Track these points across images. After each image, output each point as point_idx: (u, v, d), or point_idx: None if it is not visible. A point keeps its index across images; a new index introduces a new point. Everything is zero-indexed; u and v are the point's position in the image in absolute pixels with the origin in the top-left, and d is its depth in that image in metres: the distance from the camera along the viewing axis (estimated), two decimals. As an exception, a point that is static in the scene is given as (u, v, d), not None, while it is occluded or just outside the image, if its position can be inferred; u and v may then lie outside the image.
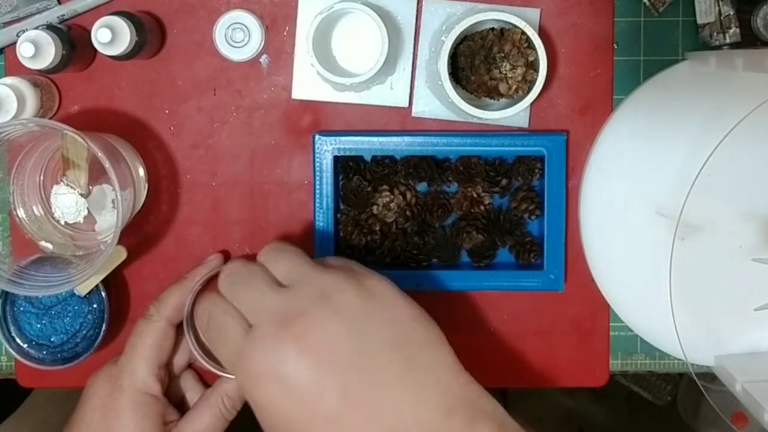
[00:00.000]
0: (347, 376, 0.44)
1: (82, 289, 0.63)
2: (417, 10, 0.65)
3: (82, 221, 0.63)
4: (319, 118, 0.66)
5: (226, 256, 0.66)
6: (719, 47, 0.63)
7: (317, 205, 0.64)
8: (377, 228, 0.65)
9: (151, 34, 0.63)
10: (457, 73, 0.63)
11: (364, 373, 0.44)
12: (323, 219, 0.64)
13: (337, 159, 0.64)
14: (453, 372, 0.47)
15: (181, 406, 0.64)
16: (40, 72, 0.61)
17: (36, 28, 0.61)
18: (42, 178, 0.64)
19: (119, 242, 0.60)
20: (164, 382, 0.62)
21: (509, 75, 0.60)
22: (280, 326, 0.45)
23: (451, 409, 0.44)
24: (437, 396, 0.45)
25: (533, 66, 0.61)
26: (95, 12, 0.65)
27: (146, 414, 0.59)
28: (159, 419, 0.60)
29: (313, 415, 0.44)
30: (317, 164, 0.64)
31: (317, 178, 0.64)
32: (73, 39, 0.61)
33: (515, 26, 0.60)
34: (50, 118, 0.65)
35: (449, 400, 0.45)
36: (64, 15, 0.64)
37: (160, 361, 0.61)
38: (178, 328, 0.62)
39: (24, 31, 0.61)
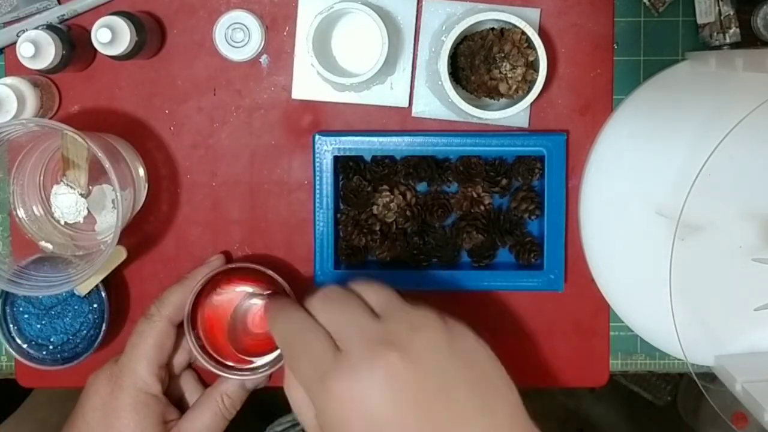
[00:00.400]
0: (428, 412, 0.45)
1: (82, 289, 0.63)
2: (417, 10, 0.65)
3: (82, 221, 0.63)
4: (319, 118, 0.66)
5: (228, 257, 0.66)
6: (719, 47, 0.63)
7: (317, 205, 0.64)
8: (377, 228, 0.65)
9: (151, 34, 0.63)
10: (457, 73, 0.63)
11: (444, 411, 0.45)
12: (323, 219, 0.64)
13: (337, 159, 0.64)
14: (522, 414, 0.48)
15: (180, 404, 0.64)
16: (40, 72, 0.61)
17: (36, 28, 0.61)
18: (42, 178, 0.64)
19: (119, 242, 0.60)
20: (164, 381, 0.62)
21: (509, 75, 0.60)
22: (373, 352, 0.45)
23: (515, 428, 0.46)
24: (504, 423, 0.46)
25: (533, 66, 0.61)
26: (95, 12, 0.65)
27: (147, 413, 0.59)
28: (159, 418, 0.60)
29: None
30: (317, 164, 0.64)
31: (317, 178, 0.64)
32: (73, 39, 0.61)
33: (515, 26, 0.60)
34: (50, 118, 0.65)
35: (515, 425, 0.47)
36: (64, 15, 0.64)
37: (161, 361, 0.61)
38: (179, 327, 0.62)
39: (24, 31, 0.61)
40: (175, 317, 0.61)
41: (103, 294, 0.64)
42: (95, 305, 0.65)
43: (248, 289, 0.62)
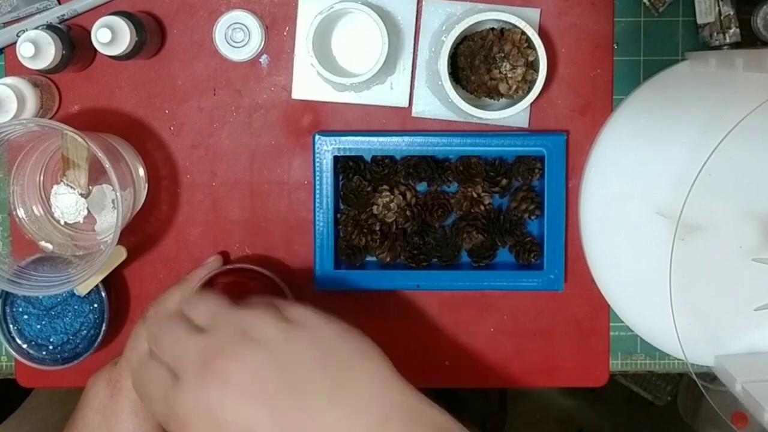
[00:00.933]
0: (276, 403, 0.44)
1: (82, 289, 0.63)
2: (417, 10, 0.65)
3: (82, 221, 0.63)
4: (319, 118, 0.66)
5: (226, 257, 0.66)
6: (719, 47, 0.63)
7: (317, 205, 0.64)
8: (377, 228, 0.65)
9: (151, 34, 0.63)
10: (457, 73, 0.63)
11: (292, 397, 0.44)
12: (323, 219, 0.64)
13: (337, 159, 0.64)
14: (388, 381, 0.46)
15: None
16: (40, 72, 0.61)
17: (36, 28, 0.61)
18: (42, 178, 0.64)
19: (119, 242, 0.60)
20: None
21: (509, 75, 0.60)
22: (200, 369, 0.45)
23: (387, 417, 0.44)
24: (370, 407, 0.45)
25: (533, 66, 0.61)
26: (95, 12, 0.65)
27: (146, 416, 0.60)
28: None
29: None
30: (317, 164, 0.64)
31: (317, 178, 0.64)
32: (73, 39, 0.61)
33: (515, 26, 0.60)
34: (50, 118, 0.65)
35: (384, 409, 0.45)
36: (64, 15, 0.64)
37: None
38: None
39: (24, 31, 0.61)
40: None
41: (103, 294, 0.64)
42: (95, 305, 0.65)
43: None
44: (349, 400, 0.44)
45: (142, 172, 0.65)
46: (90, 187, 0.63)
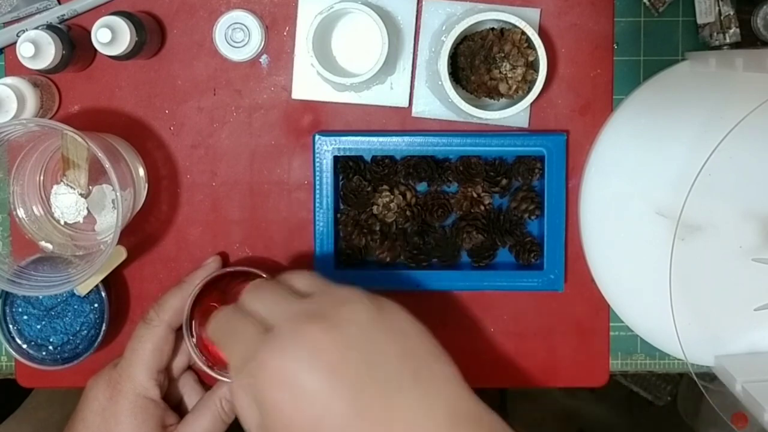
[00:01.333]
0: (358, 384, 0.44)
1: (82, 289, 0.63)
2: (417, 10, 0.65)
3: (82, 221, 0.63)
4: (319, 118, 0.66)
5: (225, 258, 0.66)
6: (719, 47, 0.63)
7: (317, 205, 0.64)
8: (377, 228, 0.65)
9: (151, 34, 0.63)
10: (457, 73, 0.63)
11: (374, 382, 0.44)
12: (323, 219, 0.64)
13: (337, 159, 0.64)
14: (458, 386, 0.47)
15: (179, 408, 0.64)
16: (40, 72, 0.61)
17: (36, 28, 0.61)
18: (42, 177, 0.64)
19: (119, 242, 0.60)
20: (163, 386, 0.62)
21: (509, 75, 0.60)
22: (298, 326, 0.46)
23: (458, 421, 0.45)
24: (444, 408, 0.45)
25: (533, 66, 0.61)
26: (95, 12, 0.65)
27: (145, 419, 0.60)
28: (158, 423, 0.60)
29: (320, 421, 0.43)
30: (317, 164, 0.64)
31: (317, 178, 0.64)
32: (73, 39, 0.61)
33: (515, 26, 0.60)
34: (50, 118, 0.65)
35: (455, 413, 0.45)
36: (64, 15, 0.64)
37: (160, 366, 0.61)
38: (178, 331, 0.62)
39: (24, 31, 0.61)
40: (174, 321, 0.61)
41: (103, 294, 0.64)
42: (95, 305, 0.65)
43: None
44: (425, 399, 0.45)
45: (142, 172, 0.65)
46: (90, 187, 0.63)
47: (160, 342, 0.61)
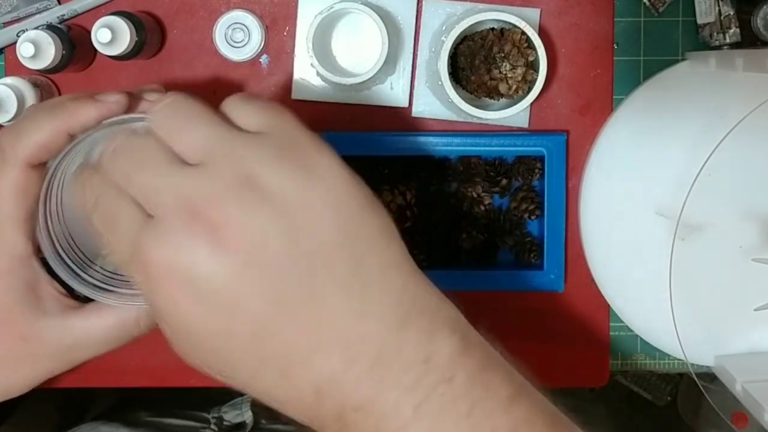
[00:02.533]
0: (277, 281, 0.35)
1: None
2: (417, 10, 0.65)
3: None
4: (319, 118, 0.66)
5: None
6: (719, 47, 0.63)
7: (317, 205, 0.64)
8: (377, 228, 0.65)
9: (151, 34, 0.63)
10: (457, 73, 0.63)
11: (299, 277, 0.35)
12: (323, 219, 0.64)
13: (337, 159, 0.64)
14: (407, 274, 0.38)
15: None
16: (40, 72, 0.61)
17: (36, 28, 0.61)
18: None
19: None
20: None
21: (509, 75, 0.60)
22: (189, 216, 0.35)
23: (405, 320, 0.36)
24: (388, 304, 0.36)
25: (533, 66, 0.61)
26: (95, 12, 0.65)
27: (11, 286, 0.45)
28: (27, 290, 0.45)
29: (231, 328, 0.35)
30: (317, 164, 0.64)
31: (317, 178, 0.64)
32: (73, 39, 0.61)
33: (515, 26, 0.60)
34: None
35: (403, 309, 0.36)
36: (64, 15, 0.64)
37: (27, 213, 0.45)
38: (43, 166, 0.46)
39: (24, 31, 0.61)
40: (35, 158, 0.44)
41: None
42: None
43: None
44: (366, 293, 0.36)
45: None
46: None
47: (19, 187, 0.44)
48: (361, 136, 0.64)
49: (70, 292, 0.47)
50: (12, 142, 0.44)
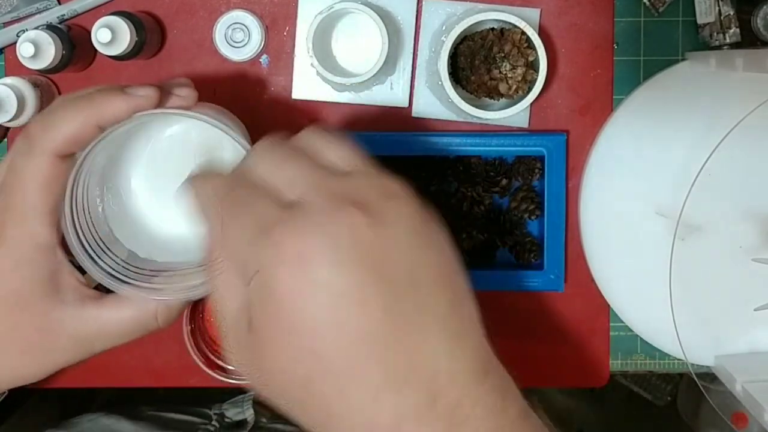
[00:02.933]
0: (395, 296, 0.35)
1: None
2: (417, 10, 0.65)
3: None
4: (319, 118, 0.66)
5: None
6: (719, 47, 0.63)
7: (317, 205, 0.64)
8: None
9: (151, 34, 0.63)
10: (457, 73, 0.63)
11: (412, 298, 0.35)
12: (323, 219, 0.64)
13: (337, 159, 0.64)
14: (483, 333, 0.39)
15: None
16: (40, 72, 0.61)
17: (36, 28, 0.61)
18: None
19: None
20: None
21: (509, 75, 0.61)
22: (338, 203, 0.35)
23: (486, 373, 0.37)
24: (473, 353, 0.37)
25: (533, 66, 0.61)
26: (95, 12, 0.65)
27: (31, 274, 0.44)
28: (48, 279, 0.44)
29: (343, 327, 0.34)
30: (317, 164, 0.64)
31: (317, 178, 0.64)
32: (73, 39, 0.61)
33: (515, 26, 0.60)
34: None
35: (483, 363, 0.37)
36: (64, 15, 0.64)
37: (52, 204, 0.44)
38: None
39: (24, 31, 0.61)
40: (64, 150, 0.43)
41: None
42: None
43: None
44: (457, 337, 0.36)
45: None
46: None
47: (46, 177, 0.43)
48: (361, 136, 0.63)
49: (95, 286, 0.47)
50: (41, 132, 0.43)
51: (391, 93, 0.65)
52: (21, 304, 0.44)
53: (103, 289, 0.46)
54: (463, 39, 0.62)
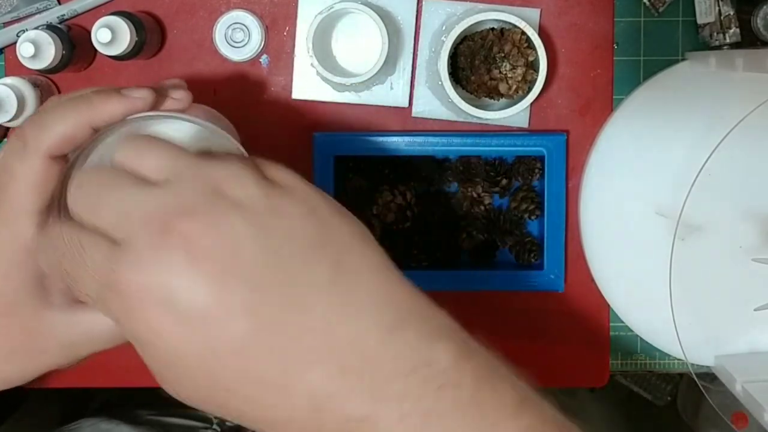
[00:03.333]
0: (257, 290, 0.33)
1: None
2: (417, 10, 0.65)
3: None
4: (319, 118, 0.66)
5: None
6: (719, 47, 0.63)
7: (317, 205, 0.64)
8: (377, 228, 0.65)
9: (151, 34, 0.63)
10: (457, 73, 0.63)
11: (279, 285, 0.33)
12: (323, 219, 0.64)
13: (337, 159, 0.64)
14: (392, 279, 0.37)
15: None
16: (40, 72, 0.61)
17: (36, 28, 0.61)
18: None
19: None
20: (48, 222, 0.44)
21: (509, 75, 0.61)
22: (158, 231, 0.33)
23: (397, 323, 0.35)
24: (376, 306, 0.35)
25: (533, 66, 0.61)
26: (95, 12, 0.65)
27: (17, 274, 0.43)
28: (33, 278, 0.43)
29: (214, 345, 0.33)
30: (317, 164, 0.64)
31: (317, 178, 0.64)
32: (73, 39, 0.61)
33: (515, 26, 0.60)
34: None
35: (392, 313, 0.35)
36: (64, 15, 0.64)
37: (42, 205, 0.43)
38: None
39: (24, 31, 0.61)
40: (57, 149, 0.42)
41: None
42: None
43: None
44: (350, 296, 0.34)
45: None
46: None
47: (38, 178, 0.42)
48: (361, 136, 0.64)
49: None
50: (35, 132, 0.42)
51: (391, 93, 0.65)
52: (8, 307, 0.43)
53: None
54: (463, 39, 0.62)
